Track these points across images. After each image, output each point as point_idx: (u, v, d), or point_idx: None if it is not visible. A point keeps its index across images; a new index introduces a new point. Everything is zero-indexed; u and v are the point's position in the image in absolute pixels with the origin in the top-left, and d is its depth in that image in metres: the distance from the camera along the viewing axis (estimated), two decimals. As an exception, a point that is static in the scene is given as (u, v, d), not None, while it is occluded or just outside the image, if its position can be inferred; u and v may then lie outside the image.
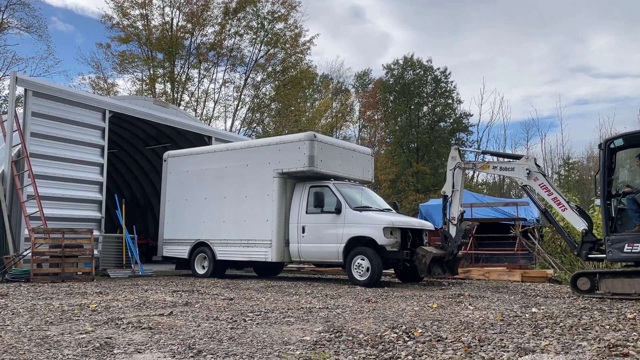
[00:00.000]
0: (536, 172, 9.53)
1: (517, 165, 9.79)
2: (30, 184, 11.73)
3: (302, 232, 11.33)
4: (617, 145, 8.63)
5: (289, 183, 11.74)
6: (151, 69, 29.71)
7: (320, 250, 11.16)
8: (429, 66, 37.63)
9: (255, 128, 32.28)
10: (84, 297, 7.78)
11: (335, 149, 11.90)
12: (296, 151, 11.37)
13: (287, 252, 11.55)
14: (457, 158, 10.72)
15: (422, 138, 35.96)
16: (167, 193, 13.59)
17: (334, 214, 10.89)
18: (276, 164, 11.63)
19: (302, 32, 30.97)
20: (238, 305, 6.98)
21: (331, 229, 10.91)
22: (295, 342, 4.43)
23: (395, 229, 10.46)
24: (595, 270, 8.82)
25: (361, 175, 12.56)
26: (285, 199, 11.62)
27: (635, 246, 7.95)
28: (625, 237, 8.15)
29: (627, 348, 3.98)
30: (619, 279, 8.18)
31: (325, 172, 11.48)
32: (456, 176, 10.63)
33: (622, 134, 8.95)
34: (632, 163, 8.93)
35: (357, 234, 10.60)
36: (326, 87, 41.56)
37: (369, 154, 13.14)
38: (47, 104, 12.48)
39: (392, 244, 10.35)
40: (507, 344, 4.25)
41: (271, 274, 13.67)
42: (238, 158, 12.46)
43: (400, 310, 6.48)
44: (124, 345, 4.29)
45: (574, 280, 8.72)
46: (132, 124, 16.37)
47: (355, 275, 10.56)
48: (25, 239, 11.63)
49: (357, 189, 11.94)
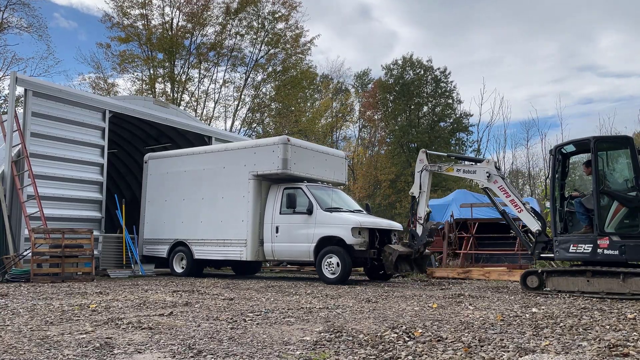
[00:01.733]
0: (496, 175, 10.06)
1: (478, 168, 10.32)
2: (30, 184, 11.73)
3: (275, 232, 11.81)
4: (569, 150, 9.25)
5: (264, 185, 12.24)
6: (151, 69, 29.71)
7: (293, 250, 11.65)
8: (429, 66, 37.61)
9: (255, 128, 32.29)
10: (84, 297, 7.77)
11: (308, 152, 12.43)
12: (270, 154, 11.84)
13: (261, 251, 12.01)
14: (424, 160, 11.23)
15: (422, 138, 35.92)
16: (148, 194, 13.99)
17: (305, 215, 11.38)
18: (251, 167, 12.12)
19: (302, 33, 31.01)
20: (238, 305, 6.98)
21: (303, 229, 11.40)
22: (295, 342, 4.43)
23: (363, 229, 10.96)
24: (541, 269, 9.25)
25: (334, 177, 13.09)
26: (260, 200, 12.12)
27: (579, 247, 8.57)
28: (570, 238, 8.77)
29: (627, 348, 3.97)
30: (564, 277, 8.75)
31: (298, 174, 11.97)
32: (423, 178, 11.12)
33: (572, 140, 9.59)
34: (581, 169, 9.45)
35: (327, 234, 11.09)
36: (326, 87, 41.56)
37: (342, 157, 13.74)
38: (47, 104, 12.49)
39: (360, 243, 10.84)
40: (507, 344, 4.25)
41: (249, 273, 14.21)
42: (215, 160, 12.93)
43: (401, 311, 6.48)
44: (124, 345, 4.29)
45: (523, 277, 9.26)
46: (132, 124, 16.37)
47: (325, 274, 11.02)
48: (25, 239, 11.63)
49: (329, 190, 12.39)
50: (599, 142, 8.84)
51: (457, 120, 37.14)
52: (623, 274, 8.03)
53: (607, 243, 8.33)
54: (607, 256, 8.31)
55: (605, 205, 8.57)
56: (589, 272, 8.42)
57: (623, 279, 8.02)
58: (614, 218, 8.52)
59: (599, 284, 8.31)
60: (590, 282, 8.40)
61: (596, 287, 8.32)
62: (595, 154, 8.64)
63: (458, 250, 14.95)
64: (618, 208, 8.52)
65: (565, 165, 9.30)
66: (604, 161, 8.87)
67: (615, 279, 8.13)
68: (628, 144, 8.66)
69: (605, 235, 8.40)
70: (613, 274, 8.17)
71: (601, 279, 8.29)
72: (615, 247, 8.27)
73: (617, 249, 8.25)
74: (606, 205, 8.57)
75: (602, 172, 8.71)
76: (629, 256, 8.18)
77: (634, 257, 8.19)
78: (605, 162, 8.88)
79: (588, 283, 8.42)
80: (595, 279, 8.35)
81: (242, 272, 14.27)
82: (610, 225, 8.50)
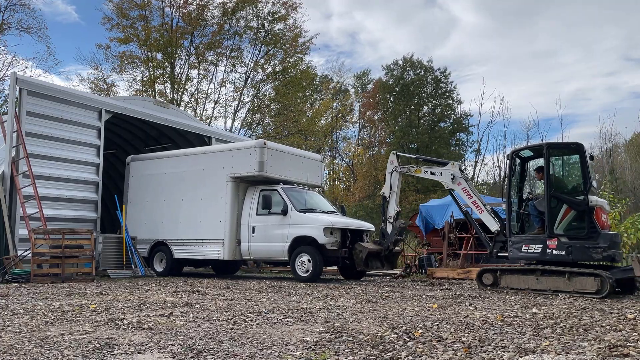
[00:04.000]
0: (459, 177, 10.57)
1: (444, 170, 10.82)
2: (30, 184, 11.72)
3: (252, 232, 12.21)
4: (527, 155, 9.79)
5: (241, 187, 12.65)
6: (151, 70, 29.71)
7: (268, 249, 12.05)
8: (429, 66, 37.64)
9: (255, 128, 32.28)
10: (84, 298, 7.77)
11: (284, 156, 12.89)
12: (247, 157, 12.28)
13: (238, 250, 12.41)
14: (395, 162, 11.74)
15: (422, 138, 35.93)
16: (129, 195, 14.27)
17: (280, 216, 11.81)
18: (229, 169, 12.52)
19: (301, 32, 31.01)
20: (238, 305, 6.98)
21: (278, 230, 11.82)
22: (295, 343, 4.43)
23: (335, 229, 11.45)
24: (495, 267, 9.73)
25: (310, 179, 13.58)
26: (237, 201, 12.51)
27: (530, 247, 9.10)
28: (523, 239, 9.29)
29: (627, 348, 3.97)
30: (516, 275, 9.26)
31: (274, 176, 12.42)
32: (393, 179, 11.69)
33: (528, 145, 10.34)
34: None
35: (301, 234, 11.51)
36: (326, 87, 41.56)
37: (319, 160, 14.23)
38: (41, 103, 12.47)
39: (332, 242, 11.33)
40: (507, 345, 4.25)
41: (229, 272, 14.58)
42: (195, 163, 13.30)
43: (401, 311, 6.48)
44: (124, 345, 4.29)
45: (479, 275, 9.77)
46: (132, 124, 16.36)
47: (298, 272, 11.49)
48: (21, 239, 11.60)
49: (304, 192, 12.82)
50: (551, 148, 9.36)
51: (457, 121, 37.15)
52: (568, 274, 8.54)
53: (555, 244, 8.84)
54: (555, 256, 8.81)
55: (555, 208, 9.04)
56: (539, 271, 8.90)
57: (568, 277, 8.54)
58: (562, 220, 9.02)
59: (547, 282, 8.80)
60: (540, 280, 8.89)
61: (544, 285, 8.80)
62: (547, 159, 9.09)
63: (458, 250, 14.95)
64: (567, 211, 9.02)
65: (524, 169, 9.82)
66: (560, 166, 9.46)
67: (561, 278, 8.63)
68: (578, 150, 9.11)
69: (554, 236, 8.88)
70: (560, 273, 8.65)
71: (549, 277, 8.78)
72: (563, 247, 8.77)
73: (564, 250, 8.75)
74: (556, 208, 9.04)
75: (552, 177, 9.15)
76: (575, 256, 8.68)
77: (580, 258, 8.67)
78: (561, 167, 9.48)
79: (537, 281, 8.91)
80: (544, 278, 8.83)
81: (222, 272, 14.60)
82: (559, 227, 8.99)
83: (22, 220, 11.67)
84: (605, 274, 8.27)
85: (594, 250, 8.55)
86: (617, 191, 29.37)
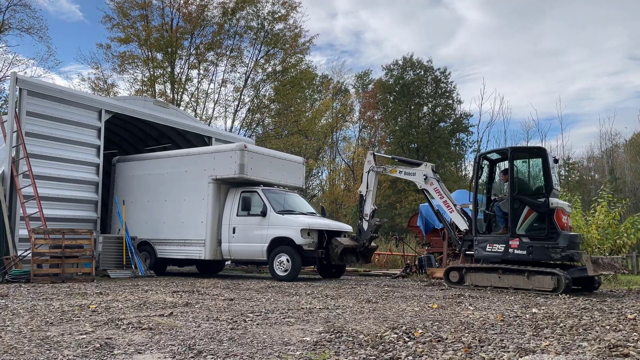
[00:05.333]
0: (432, 177, 10.97)
1: (417, 171, 11.22)
2: (30, 184, 11.72)
3: (232, 233, 12.57)
4: (495, 158, 10.26)
5: (223, 188, 12.97)
6: (151, 70, 29.70)
7: (248, 249, 12.43)
8: (429, 66, 37.61)
9: (255, 129, 32.26)
10: (84, 298, 7.77)
11: (265, 158, 13.26)
12: (228, 160, 12.60)
13: (219, 250, 12.77)
14: (372, 162, 12.06)
15: (422, 138, 35.90)
16: (116, 195, 14.44)
17: (260, 217, 12.19)
18: (211, 171, 12.84)
19: (301, 33, 30.99)
20: (238, 305, 6.98)
21: (257, 230, 12.19)
22: (295, 343, 4.43)
23: (312, 231, 11.84)
24: (461, 266, 10.15)
25: (291, 181, 13.98)
26: (218, 202, 12.85)
27: (494, 246, 9.55)
28: (487, 238, 9.73)
29: (627, 348, 3.97)
30: (480, 273, 9.71)
31: (255, 178, 12.78)
32: (370, 178, 12.01)
33: (495, 149, 10.88)
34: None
35: (279, 235, 11.87)
36: (326, 87, 41.54)
37: (300, 162, 14.53)
38: (41, 104, 12.45)
39: (309, 243, 11.71)
40: (507, 345, 4.25)
41: (212, 272, 14.88)
42: (178, 165, 13.61)
43: (401, 311, 6.48)
44: (124, 345, 4.29)
45: (446, 273, 10.24)
46: (133, 124, 16.34)
47: (277, 271, 11.87)
48: (21, 239, 11.59)
49: (284, 194, 13.22)
50: (515, 151, 9.84)
51: (457, 121, 37.13)
52: (528, 272, 9.01)
53: (517, 244, 9.29)
54: (516, 255, 9.27)
55: (518, 210, 9.48)
56: (501, 269, 9.38)
57: (527, 276, 9.02)
58: (524, 221, 9.46)
59: (508, 280, 9.28)
60: (502, 278, 9.36)
61: (506, 283, 9.29)
62: (512, 162, 9.55)
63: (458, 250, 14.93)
64: (529, 212, 9.45)
65: (492, 171, 10.28)
66: (526, 169, 9.84)
67: (521, 276, 9.09)
68: (541, 154, 9.53)
69: (517, 236, 9.33)
70: (520, 272, 9.12)
71: (510, 275, 9.25)
72: (524, 247, 9.21)
73: (525, 249, 9.19)
74: (519, 210, 9.48)
75: (516, 179, 9.58)
76: (535, 256, 9.10)
77: (539, 257, 9.08)
78: (527, 170, 9.84)
79: (499, 279, 9.39)
80: (506, 276, 9.31)
81: (206, 271, 14.85)
82: (521, 227, 9.43)
83: (22, 220, 11.66)
84: (561, 273, 8.71)
85: (553, 250, 8.96)
86: (617, 191, 29.39)
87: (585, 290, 9.43)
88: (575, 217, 12.32)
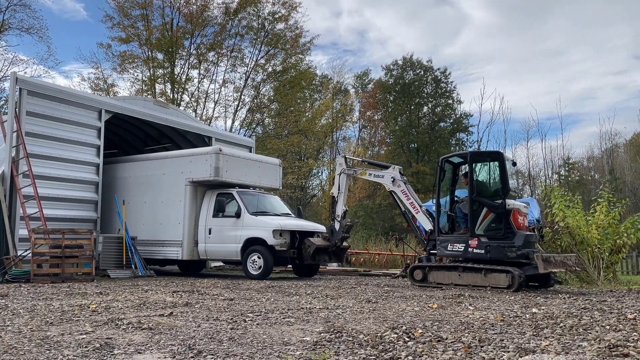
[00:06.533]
0: (399, 180, 11.39)
1: (385, 173, 11.63)
2: (30, 184, 11.72)
3: (208, 234, 12.93)
4: (457, 161, 10.70)
5: (199, 190, 13.33)
6: (151, 70, 29.70)
7: (223, 250, 12.80)
8: (429, 66, 37.62)
9: (255, 129, 32.26)
10: (84, 298, 7.78)
11: (241, 161, 13.62)
12: (204, 163, 12.97)
13: (196, 251, 13.13)
14: (343, 165, 12.48)
15: (422, 138, 35.92)
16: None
17: (234, 218, 12.53)
18: (188, 174, 13.21)
19: (302, 33, 31.01)
20: (238, 305, 6.98)
21: (232, 231, 12.53)
22: (295, 343, 4.43)
23: (284, 231, 12.18)
24: (425, 264, 10.62)
25: (268, 183, 14.39)
26: (195, 204, 13.21)
27: (455, 246, 10.01)
28: (449, 238, 10.18)
29: (627, 348, 3.97)
30: (441, 271, 10.20)
31: (230, 180, 13.12)
32: (341, 180, 12.42)
33: (456, 153, 11.42)
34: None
35: (252, 235, 12.22)
36: (326, 87, 41.54)
37: (276, 164, 14.89)
38: (41, 103, 12.45)
39: (281, 244, 12.05)
40: (507, 345, 4.25)
41: (193, 271, 15.14)
42: (156, 167, 13.96)
43: (401, 311, 6.48)
44: (124, 345, 4.29)
45: (411, 271, 10.73)
46: (133, 124, 16.35)
47: (250, 271, 12.20)
48: (21, 239, 11.59)
49: (259, 196, 13.58)
50: (475, 156, 10.36)
51: (457, 121, 37.14)
52: (484, 270, 9.47)
53: (476, 243, 9.72)
54: (475, 254, 9.71)
55: (476, 211, 9.91)
56: (461, 267, 9.84)
57: (484, 274, 9.47)
58: (483, 222, 9.88)
59: (467, 278, 9.71)
60: (461, 276, 9.80)
61: (465, 281, 9.72)
62: (471, 166, 10.04)
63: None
64: (487, 213, 9.87)
65: (455, 174, 10.73)
66: (486, 172, 10.31)
67: (479, 274, 9.54)
68: (498, 158, 10.02)
69: (476, 236, 9.76)
70: (477, 270, 9.58)
71: (469, 273, 9.70)
72: (482, 247, 9.64)
73: (483, 249, 9.63)
74: (477, 211, 9.91)
75: (476, 182, 10.03)
76: (492, 255, 9.54)
77: (496, 256, 9.51)
78: (487, 173, 10.32)
79: (459, 277, 9.83)
80: (465, 274, 9.76)
81: (187, 270, 15.12)
82: (479, 228, 9.86)
83: (22, 220, 11.66)
84: (515, 270, 9.16)
85: (509, 249, 9.42)
86: (617, 191, 29.38)
87: (542, 287, 9.98)
88: (575, 217, 12.30)
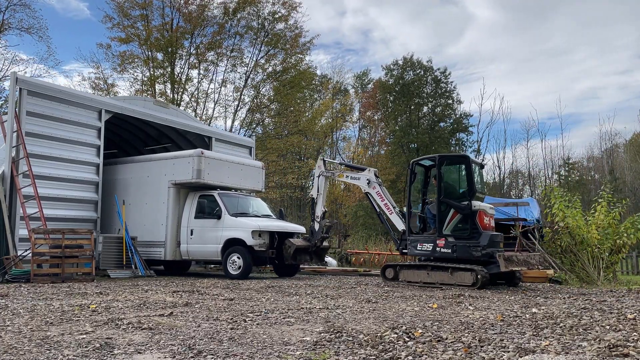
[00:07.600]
0: (374, 182, 11.72)
1: (361, 175, 11.98)
2: (30, 184, 11.71)
3: (190, 235, 13.23)
4: (428, 164, 11.06)
5: (182, 192, 13.63)
6: (151, 70, 29.69)
7: (204, 250, 13.07)
8: (429, 66, 37.61)
9: (255, 129, 32.25)
10: (84, 298, 7.78)
11: (223, 164, 13.88)
12: (186, 165, 13.26)
13: (178, 251, 13.42)
14: (321, 167, 12.80)
15: (422, 138, 35.92)
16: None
17: (215, 219, 12.84)
18: (171, 176, 13.50)
19: (302, 33, 30.98)
20: (238, 305, 6.98)
21: (213, 232, 12.83)
22: (295, 343, 4.43)
23: (263, 232, 12.44)
24: (395, 263, 11.04)
25: (250, 185, 14.75)
26: (178, 206, 13.51)
27: (424, 245, 10.40)
28: (418, 238, 10.55)
29: (627, 348, 3.97)
30: (411, 270, 10.61)
31: (212, 183, 13.41)
32: (320, 182, 12.76)
33: (426, 156, 11.78)
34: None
35: (232, 236, 12.49)
36: (326, 87, 41.52)
37: (259, 167, 15.26)
38: (41, 103, 12.44)
39: (260, 244, 12.31)
40: (507, 344, 4.25)
41: (179, 271, 15.37)
42: (140, 170, 14.25)
43: (401, 311, 6.48)
44: (124, 345, 4.29)
45: (383, 270, 11.17)
46: (132, 124, 16.34)
47: (230, 270, 12.47)
48: (21, 239, 11.58)
49: (239, 197, 13.93)
50: (442, 158, 10.67)
51: (457, 121, 37.14)
52: (451, 269, 9.90)
53: (443, 243, 10.11)
54: (442, 254, 10.12)
55: (444, 212, 10.28)
56: (429, 266, 10.25)
57: (451, 272, 9.91)
58: (450, 222, 10.24)
59: (435, 276, 10.13)
60: (430, 275, 10.22)
61: (433, 279, 10.13)
62: (439, 168, 10.39)
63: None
64: (454, 214, 10.23)
65: (427, 176, 11.07)
66: (456, 174, 10.70)
67: (446, 273, 9.98)
68: (465, 161, 10.42)
69: (443, 236, 10.14)
70: (444, 269, 10.02)
71: (437, 272, 10.13)
72: (449, 246, 10.04)
73: (449, 248, 10.03)
74: (445, 212, 10.28)
75: (444, 184, 10.35)
76: (458, 254, 9.95)
77: (462, 255, 9.92)
78: (456, 175, 10.71)
79: (428, 275, 10.24)
80: (433, 272, 10.20)
81: (173, 270, 15.24)
82: (447, 228, 10.23)
83: (22, 220, 11.65)
84: (479, 269, 9.54)
85: (475, 249, 9.78)
86: (617, 191, 29.40)
87: (508, 285, 10.45)
88: (575, 217, 12.31)
